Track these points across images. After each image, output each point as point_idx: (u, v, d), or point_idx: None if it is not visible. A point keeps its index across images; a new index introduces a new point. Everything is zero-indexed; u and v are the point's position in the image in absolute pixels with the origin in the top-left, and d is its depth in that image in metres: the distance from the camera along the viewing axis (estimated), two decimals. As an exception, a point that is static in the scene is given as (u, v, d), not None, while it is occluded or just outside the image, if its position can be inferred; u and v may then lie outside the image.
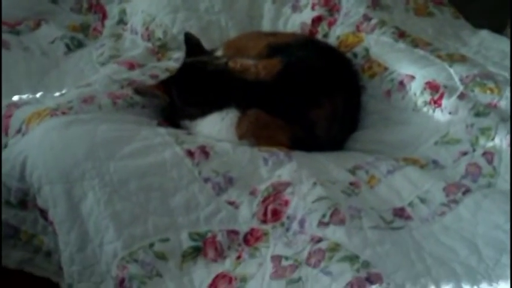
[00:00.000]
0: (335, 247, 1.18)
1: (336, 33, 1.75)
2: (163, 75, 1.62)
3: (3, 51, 1.80)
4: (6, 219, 1.38)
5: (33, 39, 1.88)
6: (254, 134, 1.42)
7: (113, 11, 1.95)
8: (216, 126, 1.43)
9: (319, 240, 1.19)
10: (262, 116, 1.42)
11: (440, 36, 1.75)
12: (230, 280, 1.20)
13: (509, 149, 1.38)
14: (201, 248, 1.25)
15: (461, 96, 1.49)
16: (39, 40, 1.88)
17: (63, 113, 1.40)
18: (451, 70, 1.56)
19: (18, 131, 1.42)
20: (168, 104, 1.49)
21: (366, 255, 1.16)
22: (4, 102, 1.54)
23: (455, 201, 1.29)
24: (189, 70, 1.52)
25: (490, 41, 1.75)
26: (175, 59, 1.74)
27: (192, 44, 1.62)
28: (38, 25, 1.93)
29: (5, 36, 1.87)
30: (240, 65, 1.48)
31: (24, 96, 1.60)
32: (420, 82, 1.54)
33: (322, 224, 1.22)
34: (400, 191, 1.32)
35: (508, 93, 1.48)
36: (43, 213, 1.33)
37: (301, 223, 1.24)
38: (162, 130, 1.40)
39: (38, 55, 1.84)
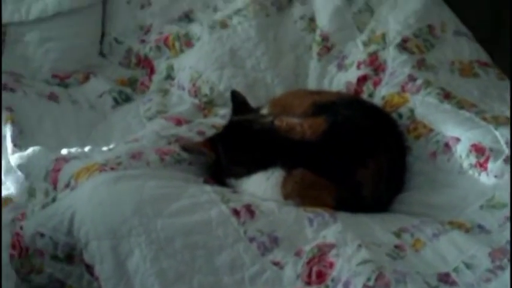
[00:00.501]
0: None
1: (381, 93, 1.76)
2: (209, 132, 1.64)
3: (53, 103, 1.85)
4: (52, 273, 1.40)
5: (81, 93, 1.93)
6: (299, 194, 1.43)
7: (161, 66, 1.98)
8: (262, 186, 1.44)
9: (364, 303, 1.19)
10: (308, 176, 1.43)
11: (485, 98, 1.74)
12: None
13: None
14: (246, 307, 1.25)
15: (507, 160, 1.48)
16: (88, 93, 1.92)
17: (112, 169, 1.42)
18: (497, 133, 1.55)
19: (67, 185, 1.44)
20: (214, 162, 1.51)
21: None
22: (53, 155, 1.57)
23: (501, 268, 1.28)
24: (236, 128, 1.54)
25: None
26: (221, 116, 1.77)
27: (238, 101, 1.64)
28: (86, 78, 1.98)
29: (54, 88, 1.92)
30: (286, 123, 1.50)
31: (73, 150, 1.62)
32: (466, 145, 1.53)
33: (366, 287, 1.21)
34: (445, 256, 1.31)
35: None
36: (89, 268, 1.34)
37: (346, 286, 1.23)
38: (208, 188, 1.42)
39: (86, 108, 1.88)
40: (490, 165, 1.48)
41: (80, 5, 2.02)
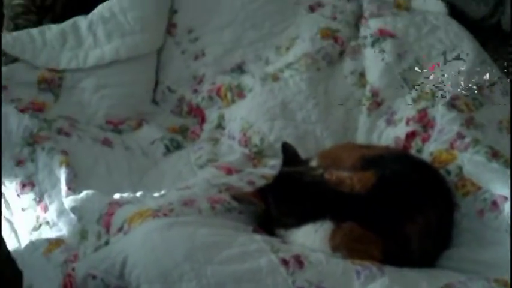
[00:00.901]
0: None
1: (429, 149, 1.77)
2: (259, 182, 1.67)
3: (107, 148, 1.90)
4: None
5: (134, 139, 1.97)
6: (347, 247, 1.44)
7: (212, 115, 2.02)
8: (310, 237, 1.46)
9: None
10: (356, 229, 1.44)
11: (533, 157, 1.75)
12: None
13: None
14: None
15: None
16: (140, 140, 1.97)
17: (165, 215, 1.45)
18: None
19: (120, 229, 1.47)
20: (263, 212, 1.53)
21: None
22: (106, 199, 1.61)
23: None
24: (286, 180, 1.56)
25: None
26: (271, 166, 1.79)
27: (289, 153, 1.66)
28: (139, 125, 2.02)
29: (108, 134, 1.97)
30: (335, 177, 1.52)
31: (125, 195, 1.66)
32: (513, 203, 1.54)
33: None
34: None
35: None
36: (139, 311, 1.36)
37: None
38: (258, 237, 1.44)
39: (139, 154, 1.92)
40: (537, 224, 1.49)
41: (137, 54, 2.07)
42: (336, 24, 2.12)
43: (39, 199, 1.78)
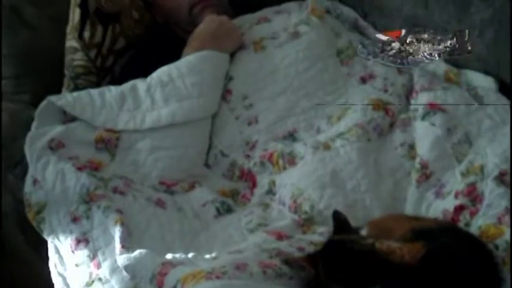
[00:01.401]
0: None
1: (477, 224, 1.79)
2: (309, 249, 1.70)
3: (160, 209, 1.94)
4: None
5: (186, 201, 2.01)
6: (396, 317, 1.46)
7: (263, 181, 2.06)
8: (360, 305, 1.48)
9: None
10: (405, 299, 1.47)
11: None
12: None
13: None
14: None
15: None
16: (192, 202, 2.01)
17: (218, 277, 1.49)
18: None
19: (173, 289, 1.51)
20: (314, 278, 1.56)
21: None
22: (160, 259, 1.65)
23: None
24: (337, 247, 1.59)
25: None
26: (320, 233, 1.82)
27: (340, 221, 1.69)
28: (191, 187, 2.07)
29: (161, 195, 2.01)
30: (386, 247, 1.55)
31: (177, 256, 1.70)
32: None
33: None
34: None
35: None
36: None
37: None
38: (307, 302, 1.47)
39: (191, 216, 1.96)
40: None
41: (192, 118, 2.13)
42: (387, 96, 2.17)
43: (93, 256, 1.83)
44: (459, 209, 1.85)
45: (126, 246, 1.75)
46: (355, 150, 2.00)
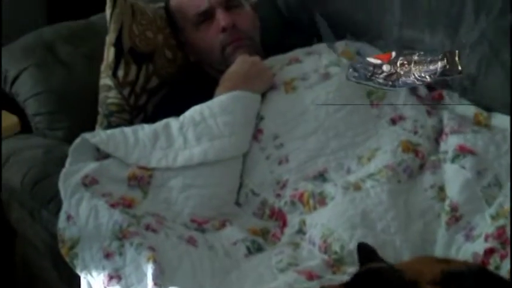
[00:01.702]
0: None
1: (507, 267, 1.80)
2: (340, 290, 1.71)
3: (191, 247, 1.96)
4: None
5: (217, 239, 2.04)
6: None
7: (293, 220, 2.08)
8: None
9: None
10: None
11: None
12: None
13: None
14: None
15: None
16: (223, 240, 2.03)
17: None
18: None
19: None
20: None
21: None
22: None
23: None
24: (367, 276, 1.60)
25: None
26: (349, 274, 1.82)
27: (366, 251, 1.69)
28: (222, 225, 2.09)
29: (192, 233, 2.04)
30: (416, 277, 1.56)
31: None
32: None
33: None
34: None
35: None
36: None
37: None
38: None
39: (221, 255, 1.98)
40: None
41: (224, 157, 2.16)
42: (416, 138, 2.19)
43: (125, 292, 1.86)
44: (489, 252, 1.86)
45: (159, 284, 1.78)
46: (385, 191, 2.02)
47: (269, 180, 2.18)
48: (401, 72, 1.83)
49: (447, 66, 1.82)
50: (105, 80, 2.44)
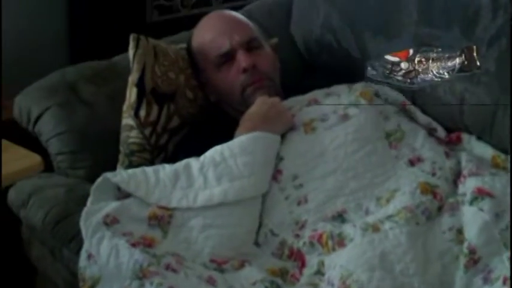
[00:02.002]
0: None
1: (525, 311, 1.81)
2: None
3: (211, 287, 1.98)
4: None
5: (237, 279, 2.05)
6: None
7: (312, 261, 2.09)
8: None
9: None
10: None
11: None
12: None
13: None
14: None
15: None
16: (242, 280, 2.04)
17: None
18: None
19: None
20: None
21: None
22: None
23: None
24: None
25: None
26: (368, 316, 1.85)
27: None
28: (242, 265, 2.10)
29: (212, 273, 2.05)
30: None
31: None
32: None
33: None
34: None
35: None
36: None
37: None
38: None
39: (241, 295, 1.99)
40: None
41: (243, 197, 2.18)
42: (435, 180, 2.20)
43: (145, 331, 1.87)
44: (509, 295, 1.87)
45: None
46: (403, 233, 2.03)
47: (288, 220, 2.20)
48: (420, 70, 1.84)
49: (465, 62, 1.83)
50: (127, 120, 2.47)
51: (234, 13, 2.68)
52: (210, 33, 2.57)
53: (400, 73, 1.83)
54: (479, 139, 2.38)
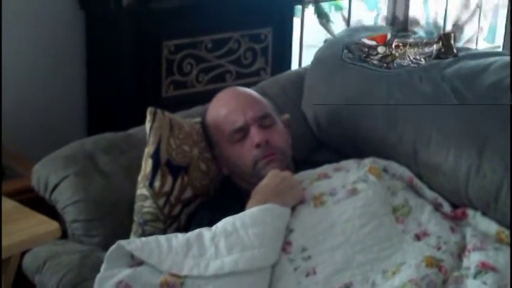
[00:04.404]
0: None
1: None
2: None
3: None
4: None
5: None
6: None
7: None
8: None
9: None
10: None
11: None
12: None
13: None
14: None
15: None
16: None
17: None
18: None
19: None
20: None
21: None
22: None
23: None
24: None
25: None
26: None
27: None
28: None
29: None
30: None
31: None
32: None
33: None
34: None
35: None
36: None
37: None
38: None
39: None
40: None
41: (253, 267, 2.22)
42: (440, 254, 2.26)
43: None
44: None
45: None
46: (410, 306, 2.07)
47: (296, 291, 2.24)
48: (396, 54, 1.85)
49: (442, 49, 1.83)
50: (142, 190, 2.54)
51: (247, 90, 2.77)
52: (224, 108, 2.65)
53: (377, 57, 1.83)
54: (484, 215, 2.44)
